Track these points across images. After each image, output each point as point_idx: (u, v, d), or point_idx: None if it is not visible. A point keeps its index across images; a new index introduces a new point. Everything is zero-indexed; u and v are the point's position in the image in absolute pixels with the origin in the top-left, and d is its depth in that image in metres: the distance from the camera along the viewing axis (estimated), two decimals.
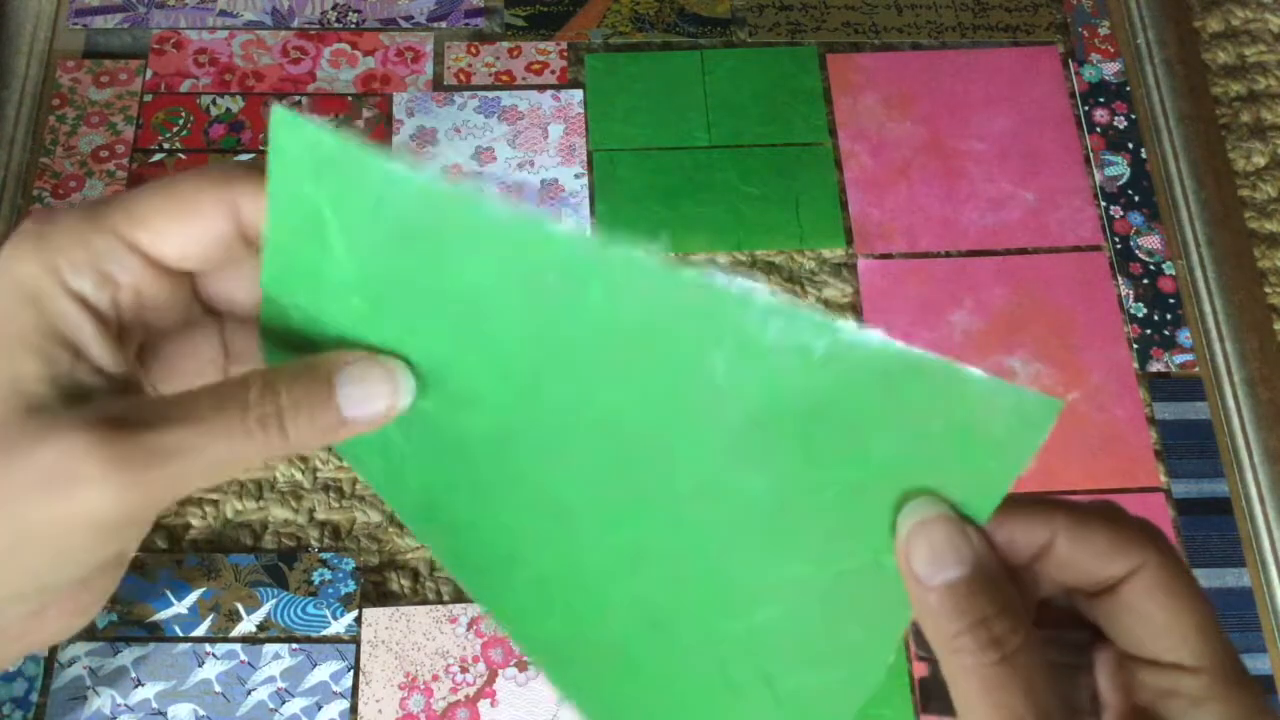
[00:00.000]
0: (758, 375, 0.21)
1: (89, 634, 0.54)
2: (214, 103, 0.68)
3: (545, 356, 0.22)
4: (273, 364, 0.26)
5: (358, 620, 0.55)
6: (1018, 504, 0.25)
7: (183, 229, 0.24)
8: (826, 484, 0.22)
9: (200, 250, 0.24)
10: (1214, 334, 0.64)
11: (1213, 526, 0.59)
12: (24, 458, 0.22)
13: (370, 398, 0.24)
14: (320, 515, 0.58)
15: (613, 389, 0.22)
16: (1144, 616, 0.24)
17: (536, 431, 0.23)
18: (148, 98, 0.68)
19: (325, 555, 0.57)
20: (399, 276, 0.23)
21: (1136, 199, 0.67)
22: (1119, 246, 0.66)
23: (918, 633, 0.24)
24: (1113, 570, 0.25)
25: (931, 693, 0.26)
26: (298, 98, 0.68)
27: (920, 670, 0.26)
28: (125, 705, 0.53)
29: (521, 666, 0.55)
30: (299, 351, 0.25)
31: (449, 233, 0.22)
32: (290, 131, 0.22)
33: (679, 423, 0.22)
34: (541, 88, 0.69)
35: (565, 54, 0.70)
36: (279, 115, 0.22)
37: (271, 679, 0.54)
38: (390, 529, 0.58)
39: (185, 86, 0.68)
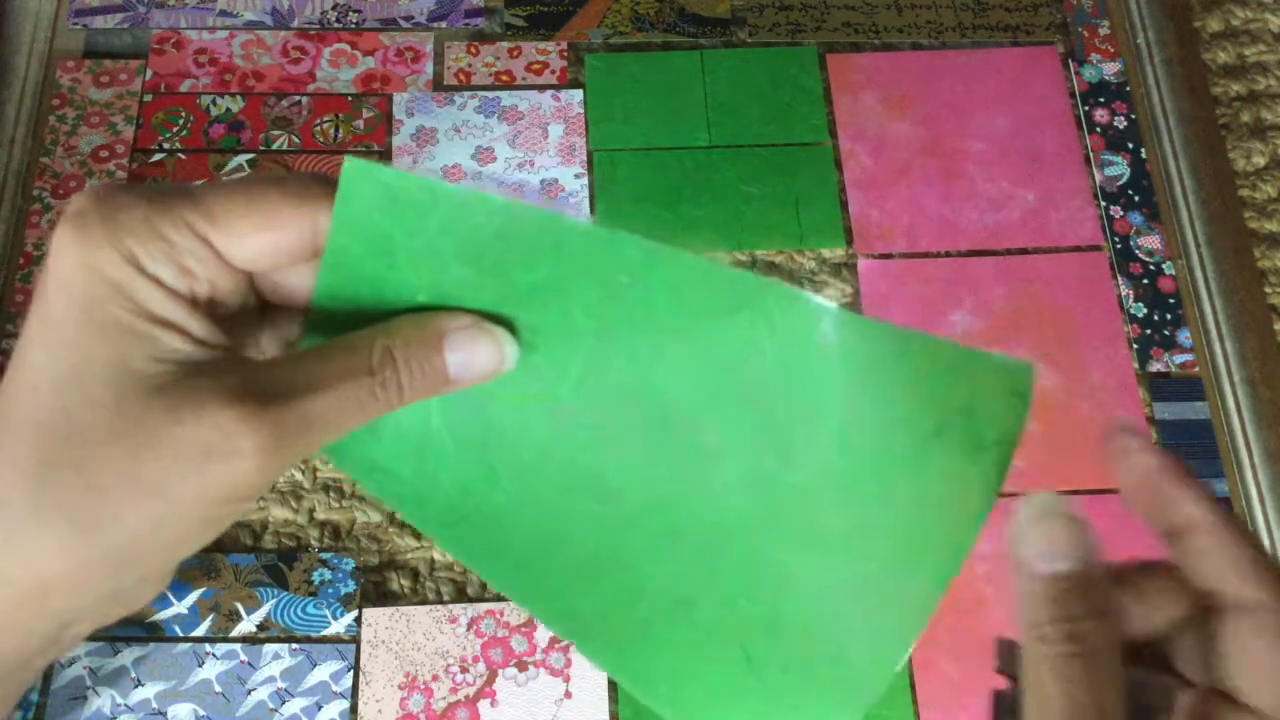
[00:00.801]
0: (803, 367, 0.23)
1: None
2: (214, 103, 0.68)
3: (607, 348, 0.24)
4: (309, 345, 0.27)
5: (358, 620, 0.55)
6: (1183, 485, 0.25)
7: (261, 237, 0.24)
8: (858, 476, 0.23)
9: (272, 258, 0.25)
10: (1214, 334, 0.64)
11: None
12: (167, 435, 0.22)
13: (477, 359, 0.25)
14: (320, 515, 0.58)
15: (668, 377, 0.24)
16: (1251, 658, 0.24)
17: (591, 417, 0.25)
18: (148, 98, 0.68)
19: (325, 555, 0.57)
20: (466, 280, 0.24)
21: (1136, 199, 0.67)
22: (1119, 246, 0.66)
23: (1000, 651, 0.25)
24: (1236, 592, 0.24)
25: (1004, 707, 0.26)
26: (298, 98, 0.68)
27: (998, 683, 0.27)
28: (125, 705, 0.53)
29: (521, 667, 0.55)
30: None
31: (519, 242, 0.24)
32: (362, 178, 0.24)
33: (726, 411, 0.24)
34: (541, 88, 0.69)
35: (565, 54, 0.70)
36: (351, 169, 0.24)
37: (271, 679, 0.54)
38: (390, 529, 0.58)
39: (185, 86, 0.68)
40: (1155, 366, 0.63)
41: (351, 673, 0.54)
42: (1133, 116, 0.69)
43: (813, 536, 0.25)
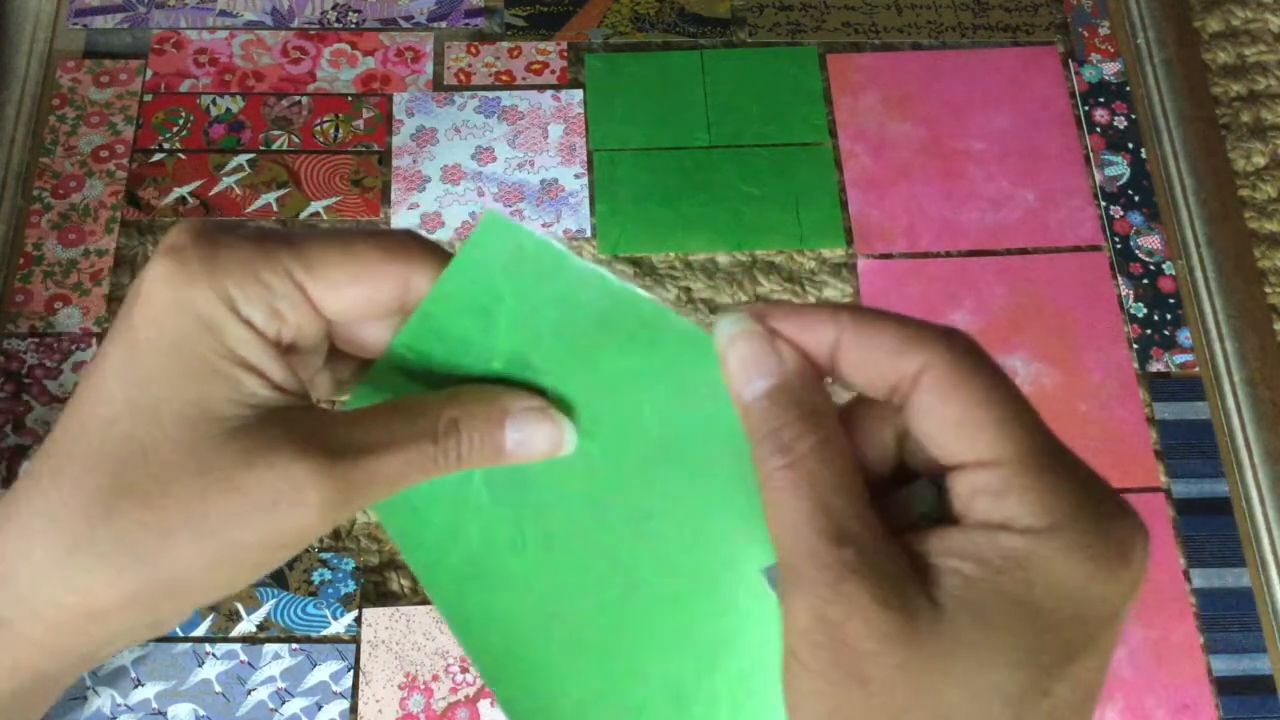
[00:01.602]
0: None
1: None
2: (214, 103, 0.68)
3: (663, 454, 0.25)
4: (363, 397, 0.28)
5: (358, 620, 0.55)
6: (803, 308, 0.24)
7: (355, 289, 0.25)
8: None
9: (363, 311, 0.26)
10: (1214, 334, 0.64)
11: (1213, 526, 0.59)
12: (238, 480, 0.23)
13: (536, 441, 0.25)
14: None
15: (718, 496, 0.25)
16: (938, 417, 0.22)
17: (631, 511, 0.25)
18: (148, 98, 0.68)
19: (325, 555, 0.57)
20: (553, 356, 0.25)
21: (1136, 199, 0.67)
22: (1119, 246, 0.66)
23: None
24: (902, 367, 0.23)
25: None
26: (298, 98, 0.68)
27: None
28: (125, 705, 0.53)
29: None
30: (403, 391, 0.27)
31: (620, 329, 0.24)
32: (497, 232, 0.25)
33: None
34: (541, 88, 0.69)
35: (565, 54, 0.70)
36: (490, 220, 0.25)
37: (271, 679, 0.54)
38: None
39: (185, 86, 0.68)
40: (1155, 366, 0.63)
41: (351, 673, 0.54)
42: (1133, 116, 0.69)
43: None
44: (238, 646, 0.54)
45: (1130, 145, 0.68)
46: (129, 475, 0.23)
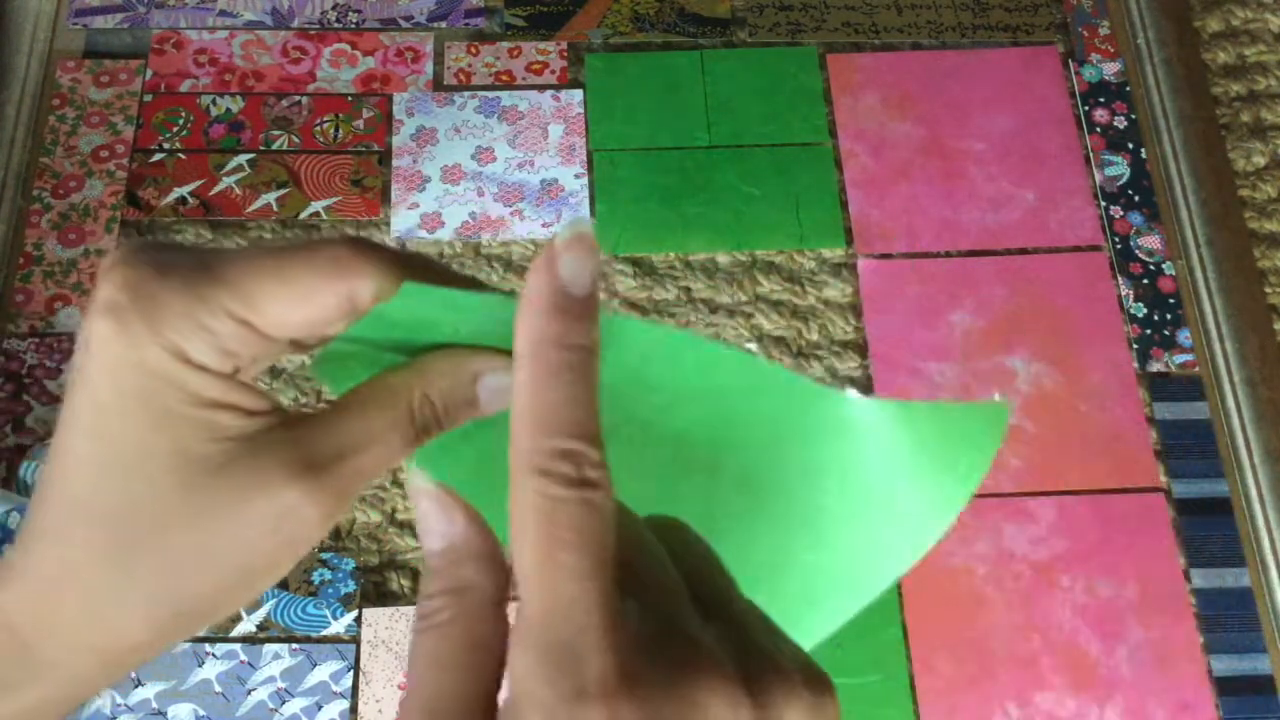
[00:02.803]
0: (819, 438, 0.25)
1: None
2: (214, 103, 0.68)
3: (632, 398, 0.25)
4: (321, 376, 0.28)
5: (358, 620, 0.55)
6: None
7: (300, 314, 0.25)
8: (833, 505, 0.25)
9: (313, 328, 0.26)
10: (1214, 334, 0.64)
11: (1213, 526, 0.59)
12: (237, 515, 0.24)
13: (506, 393, 0.25)
14: None
15: (686, 426, 0.25)
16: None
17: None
18: (148, 97, 0.68)
19: (325, 555, 0.57)
20: (508, 325, 0.25)
21: (1136, 199, 0.67)
22: (1119, 246, 0.66)
23: None
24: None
25: None
26: (298, 98, 0.68)
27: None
28: (125, 705, 0.53)
29: None
30: (362, 368, 0.28)
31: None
32: (421, 296, 0.25)
33: (735, 452, 0.26)
34: (541, 88, 0.69)
35: (565, 54, 0.70)
36: (409, 291, 0.25)
37: (271, 679, 0.54)
38: (390, 529, 0.58)
39: (185, 86, 0.68)
40: (1155, 366, 0.63)
41: (351, 673, 0.54)
42: (1133, 116, 0.69)
43: (781, 523, 0.26)
44: (238, 646, 0.54)
45: (1130, 145, 0.68)
46: (131, 531, 0.24)
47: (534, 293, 0.22)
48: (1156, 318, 0.64)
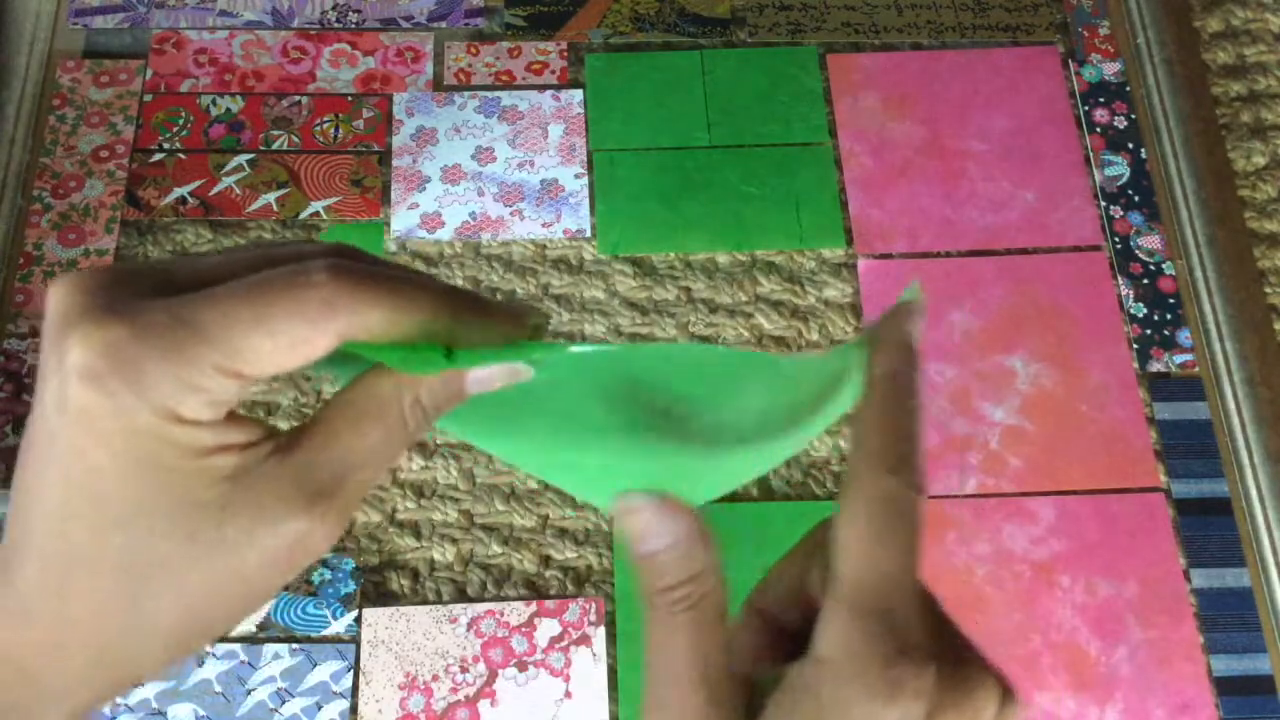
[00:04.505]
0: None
1: None
2: (214, 103, 0.68)
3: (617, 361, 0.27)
4: (319, 371, 0.28)
5: (358, 620, 0.55)
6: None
7: (288, 357, 0.25)
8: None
9: (302, 365, 0.26)
10: (1214, 334, 0.64)
11: (1213, 527, 0.59)
12: (246, 553, 0.25)
13: (492, 378, 0.27)
14: None
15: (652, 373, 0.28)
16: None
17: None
18: (148, 97, 0.68)
19: (325, 555, 0.57)
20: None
21: (1136, 199, 0.67)
22: (1119, 246, 0.66)
23: None
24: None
25: None
26: (298, 98, 0.68)
27: None
28: (125, 705, 0.53)
29: (521, 667, 0.55)
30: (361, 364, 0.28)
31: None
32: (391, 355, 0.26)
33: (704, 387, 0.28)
34: (541, 88, 0.69)
35: (565, 54, 0.70)
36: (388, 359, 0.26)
37: (271, 679, 0.54)
38: (390, 529, 0.58)
39: (185, 86, 0.68)
40: (1155, 366, 0.63)
41: (351, 673, 0.54)
42: (1133, 116, 0.69)
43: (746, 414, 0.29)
44: (238, 646, 0.54)
45: (1130, 145, 0.68)
46: (142, 579, 0.25)
47: (890, 336, 0.26)
48: (1156, 318, 0.64)
